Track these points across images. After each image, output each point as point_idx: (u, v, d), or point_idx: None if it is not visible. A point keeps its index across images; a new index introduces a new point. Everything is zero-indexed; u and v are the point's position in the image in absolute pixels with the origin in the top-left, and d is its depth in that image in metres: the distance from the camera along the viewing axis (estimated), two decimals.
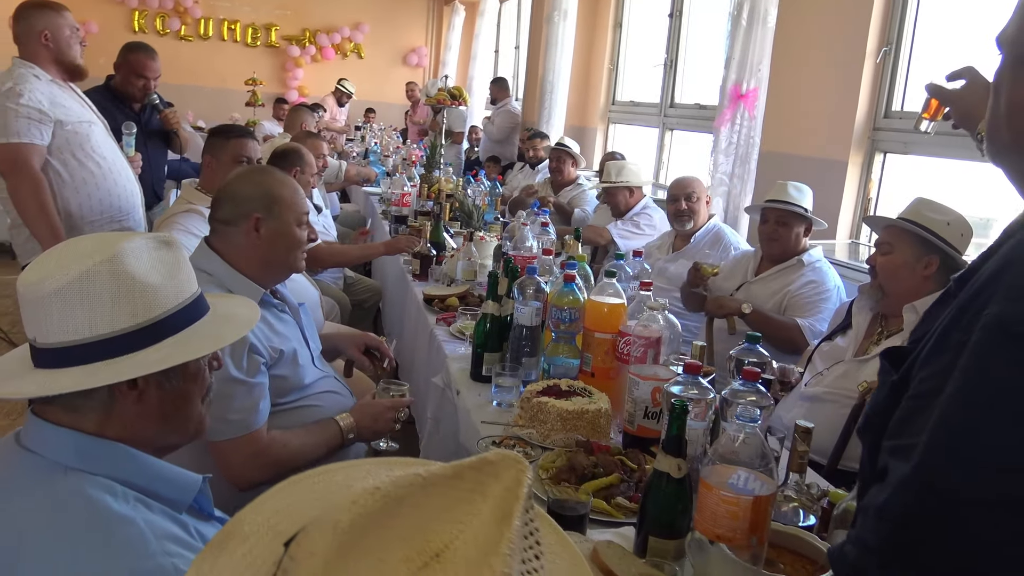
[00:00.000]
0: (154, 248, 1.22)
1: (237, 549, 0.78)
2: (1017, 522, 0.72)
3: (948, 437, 0.77)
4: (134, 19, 12.22)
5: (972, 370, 0.77)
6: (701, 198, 3.84)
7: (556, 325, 2.24)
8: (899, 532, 0.79)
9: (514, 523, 0.68)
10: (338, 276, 4.54)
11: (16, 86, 3.02)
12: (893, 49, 3.91)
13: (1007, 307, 0.77)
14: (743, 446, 1.24)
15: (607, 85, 7.60)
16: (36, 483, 1.10)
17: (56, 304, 1.13)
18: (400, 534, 0.69)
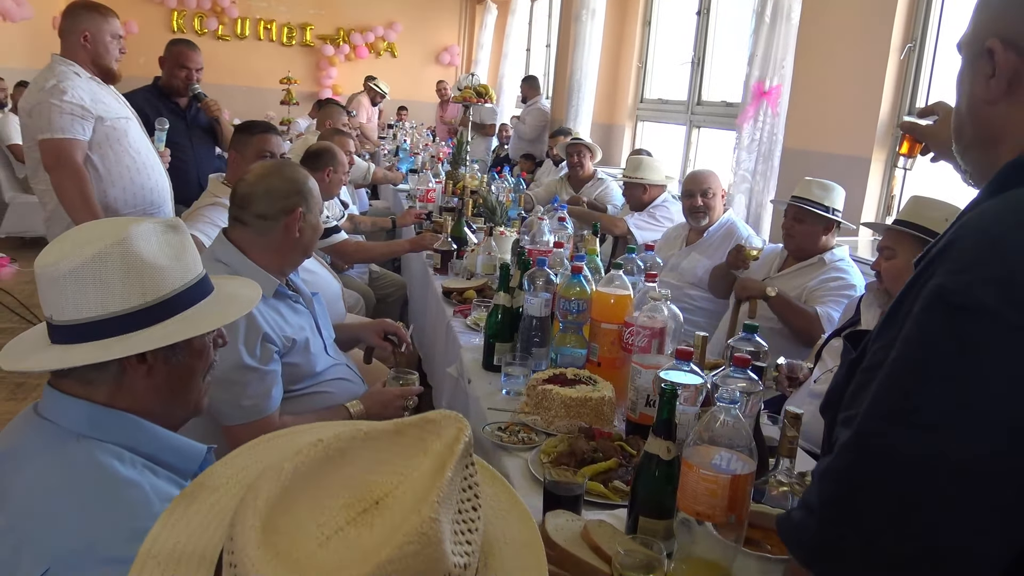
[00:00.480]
0: (162, 232, 1.29)
1: (207, 499, 0.86)
2: (949, 479, 0.76)
3: (886, 399, 0.82)
4: (173, 19, 12.48)
5: (910, 337, 0.81)
6: (717, 193, 3.85)
7: (564, 315, 2.29)
8: (838, 491, 0.83)
9: (446, 475, 0.74)
10: (363, 271, 4.63)
11: (60, 83, 3.12)
12: (917, 45, 3.89)
13: (947, 279, 0.81)
14: (723, 427, 1.28)
15: (635, 83, 7.61)
16: (50, 448, 1.18)
17: (71, 284, 1.20)
18: (343, 482, 0.75)
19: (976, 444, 0.76)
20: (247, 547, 0.69)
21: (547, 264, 2.42)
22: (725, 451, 1.29)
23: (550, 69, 9.47)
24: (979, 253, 0.81)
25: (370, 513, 0.73)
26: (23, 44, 10.12)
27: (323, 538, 0.72)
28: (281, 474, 0.74)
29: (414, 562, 0.69)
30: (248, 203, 2.12)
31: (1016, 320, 0.76)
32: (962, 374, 0.77)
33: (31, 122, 3.17)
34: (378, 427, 0.81)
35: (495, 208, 4.46)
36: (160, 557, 0.82)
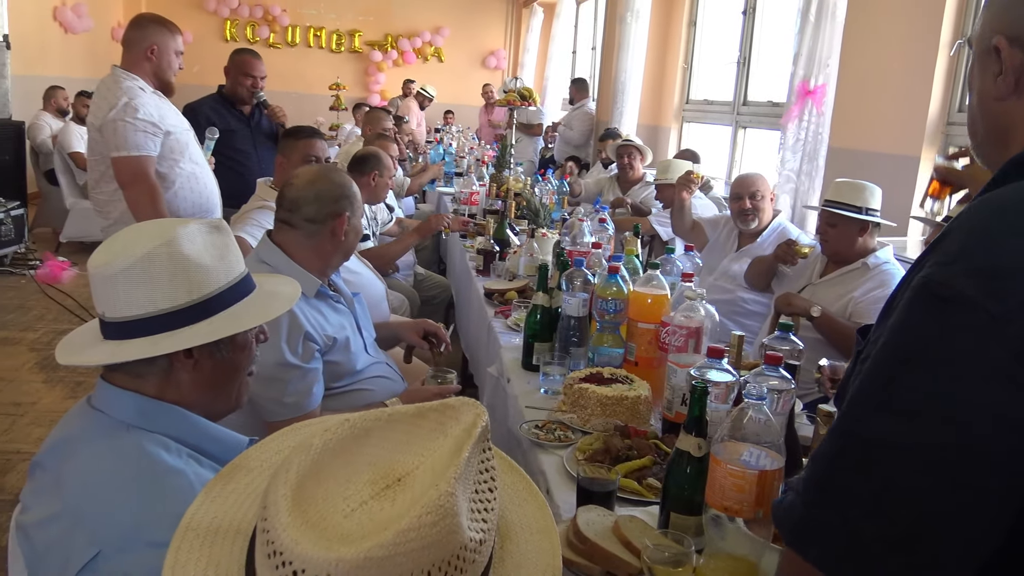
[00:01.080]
0: (206, 232, 1.35)
1: (242, 479, 0.93)
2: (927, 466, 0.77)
3: (869, 386, 0.83)
4: (226, 28, 12.79)
5: (895, 326, 0.83)
6: (766, 196, 3.76)
7: (601, 315, 2.31)
8: (821, 474, 0.84)
9: (464, 455, 0.80)
10: (408, 273, 4.69)
11: (132, 101, 3.21)
12: (968, 41, 3.82)
13: (935, 270, 0.82)
14: (752, 423, 1.29)
15: (681, 84, 7.58)
16: (102, 438, 1.25)
17: (121, 283, 1.27)
18: (368, 460, 0.81)
19: (954, 431, 0.77)
20: (279, 514, 0.75)
21: (585, 264, 2.44)
22: (754, 447, 1.30)
23: (596, 71, 9.48)
24: (964, 245, 0.82)
25: (392, 489, 0.79)
26: (83, 55, 10.48)
27: (348, 510, 0.77)
28: (311, 450, 0.80)
29: (431, 532, 0.74)
30: (297, 207, 2.19)
31: (996, 310, 0.77)
32: (942, 362, 0.79)
33: (102, 138, 3.24)
34: (401, 410, 0.87)
35: (538, 210, 4.48)
36: (199, 530, 0.89)
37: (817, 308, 2.88)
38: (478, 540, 0.79)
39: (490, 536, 0.83)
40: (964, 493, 0.77)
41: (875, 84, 4.21)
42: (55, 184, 7.53)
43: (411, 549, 0.74)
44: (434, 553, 0.75)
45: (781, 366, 1.56)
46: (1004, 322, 0.77)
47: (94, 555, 1.12)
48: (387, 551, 0.73)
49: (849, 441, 0.83)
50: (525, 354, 2.48)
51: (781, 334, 1.81)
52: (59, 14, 10.20)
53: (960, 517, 0.77)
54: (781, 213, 3.95)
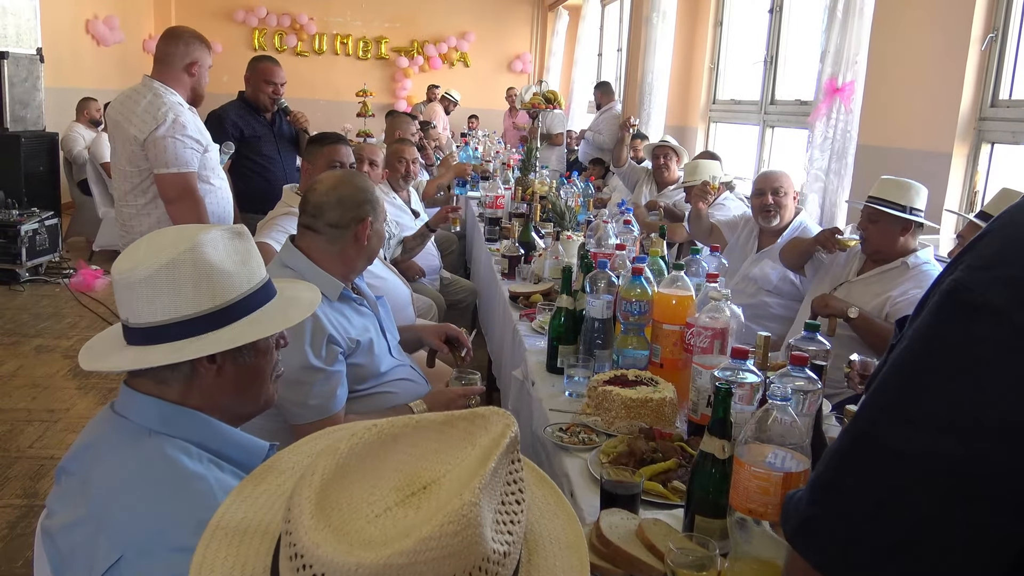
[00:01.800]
0: (228, 239, 1.36)
1: (274, 481, 0.94)
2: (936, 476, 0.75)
3: (885, 390, 0.80)
4: (254, 38, 12.93)
5: (919, 330, 0.80)
6: (789, 193, 3.69)
7: (625, 317, 2.29)
8: (829, 473, 0.82)
9: (490, 465, 0.79)
10: (435, 278, 4.70)
11: (179, 118, 3.25)
12: (1000, 35, 3.75)
13: (966, 274, 0.78)
14: (776, 425, 1.27)
15: (708, 84, 7.53)
16: (125, 443, 1.26)
17: (146, 289, 1.27)
18: (394, 466, 0.81)
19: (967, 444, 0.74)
20: (302, 517, 0.76)
21: (608, 266, 2.43)
22: (779, 449, 1.28)
23: (622, 73, 9.45)
24: (1004, 251, 0.78)
25: (418, 496, 0.79)
26: (115, 67, 10.65)
27: (372, 516, 0.78)
28: (337, 454, 0.81)
29: (453, 541, 0.74)
30: (320, 212, 2.20)
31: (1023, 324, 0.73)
32: (962, 373, 0.75)
33: (144, 152, 3.25)
34: (429, 417, 0.87)
35: (564, 213, 4.47)
36: (228, 529, 0.90)
37: (855, 309, 2.83)
38: (502, 552, 0.79)
39: (516, 549, 0.82)
40: (972, 508, 0.74)
41: (904, 80, 4.14)
42: (88, 194, 7.66)
43: (432, 558, 0.74)
44: (455, 563, 0.75)
45: (807, 366, 1.53)
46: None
47: (117, 559, 1.13)
48: (408, 558, 0.73)
49: (860, 443, 0.80)
50: (550, 357, 2.47)
51: (808, 334, 1.78)
52: (91, 27, 10.38)
53: (965, 531, 0.75)
54: (803, 212, 3.89)
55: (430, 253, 4.72)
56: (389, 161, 4.81)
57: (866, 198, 3.09)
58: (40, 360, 4.96)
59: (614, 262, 2.62)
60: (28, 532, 2.99)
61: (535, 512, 0.95)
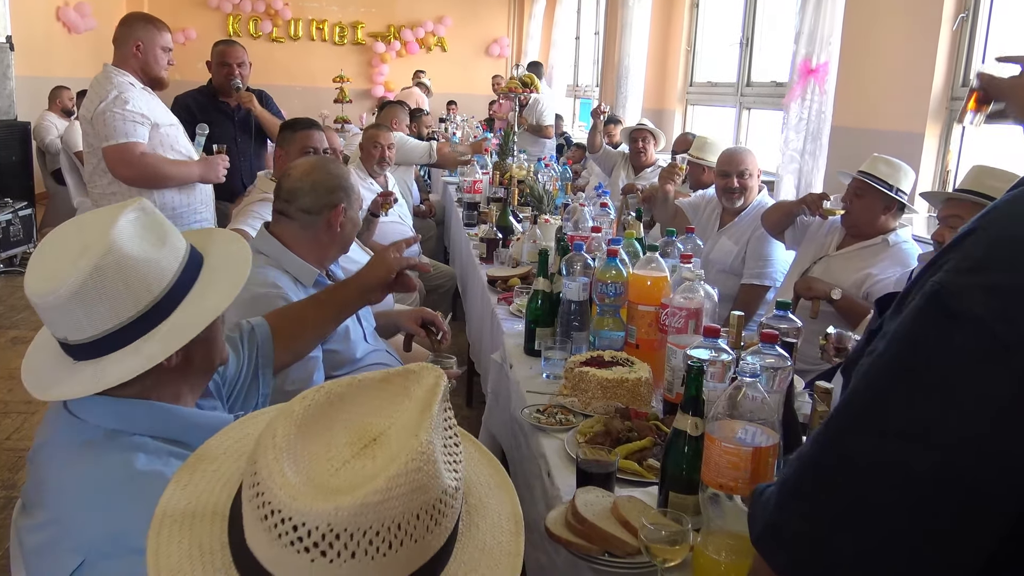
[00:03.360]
0: (136, 220, 1.26)
1: (207, 468, 0.96)
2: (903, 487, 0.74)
3: (861, 396, 0.79)
4: (229, 24, 12.79)
5: (900, 335, 0.78)
6: (754, 174, 3.75)
7: (601, 299, 2.31)
8: (798, 477, 0.82)
9: (433, 411, 0.86)
10: None
11: (122, 94, 3.33)
12: (970, 15, 3.78)
13: (950, 277, 0.75)
14: (746, 400, 1.29)
15: (684, 66, 7.54)
16: (78, 446, 1.22)
17: (77, 305, 1.19)
18: (344, 424, 0.87)
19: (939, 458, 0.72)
20: (273, 475, 0.79)
21: (584, 248, 2.44)
22: (749, 425, 1.30)
23: (599, 56, 9.44)
24: (991, 253, 0.75)
25: (371, 448, 0.84)
26: (87, 55, 10.50)
27: (334, 469, 0.82)
28: (293, 415, 0.85)
29: (418, 476, 0.81)
30: (293, 198, 2.20)
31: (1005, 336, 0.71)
32: (938, 385, 0.73)
33: (93, 130, 3.35)
34: (369, 375, 0.92)
35: (542, 197, 4.48)
36: (175, 516, 0.91)
37: (838, 291, 2.88)
38: (454, 487, 0.86)
39: (461, 484, 0.89)
40: (939, 521, 0.73)
41: (877, 61, 4.17)
42: (62, 184, 7.58)
43: (402, 493, 0.79)
44: (421, 497, 0.81)
45: (778, 344, 1.56)
46: (1010, 350, 0.70)
47: (79, 563, 1.11)
48: (382, 496, 0.78)
49: (829, 451, 0.80)
50: (527, 340, 2.48)
51: (780, 313, 1.81)
52: (62, 14, 10.23)
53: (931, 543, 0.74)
54: (764, 190, 3.93)
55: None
56: (364, 146, 4.79)
57: (857, 172, 3.12)
58: (16, 352, 4.92)
59: (590, 244, 2.63)
60: (6, 524, 2.98)
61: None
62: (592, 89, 9.92)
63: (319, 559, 0.77)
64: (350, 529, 0.77)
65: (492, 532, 0.95)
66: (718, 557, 1.27)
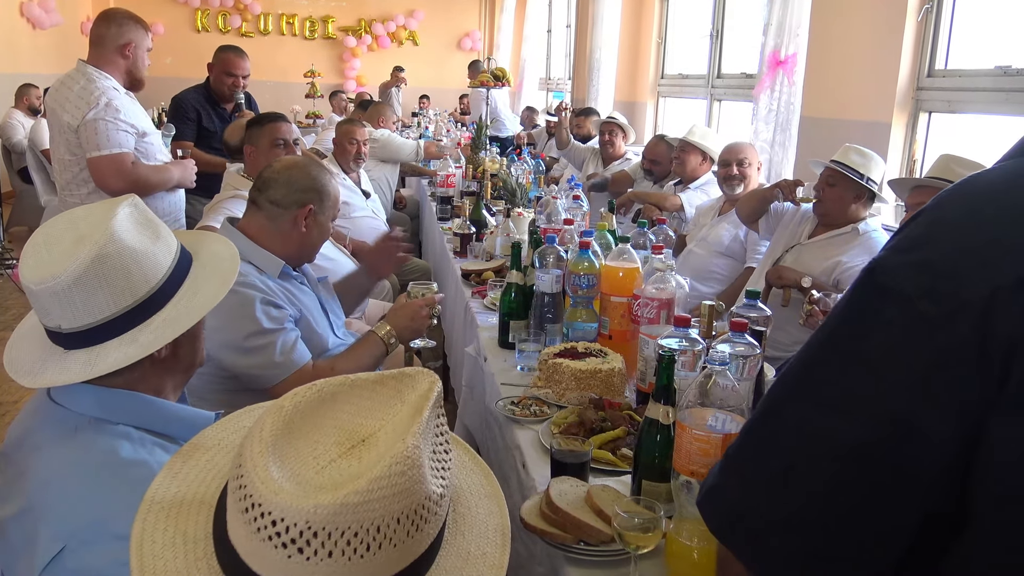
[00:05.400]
0: (130, 215, 1.29)
1: (201, 457, 0.97)
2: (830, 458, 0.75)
3: (797, 364, 0.82)
4: (197, 18, 12.66)
5: (837, 309, 0.80)
6: (753, 164, 3.84)
7: (574, 291, 2.32)
8: (738, 444, 0.85)
9: (424, 415, 0.85)
10: None
11: (112, 101, 3.19)
12: (935, 6, 3.83)
13: (888, 255, 0.77)
14: (716, 388, 1.31)
15: (656, 59, 7.57)
16: (61, 433, 1.23)
17: (77, 292, 1.20)
18: (334, 423, 0.87)
19: (859, 428, 0.74)
20: (256, 469, 0.79)
21: (557, 241, 2.45)
22: (720, 412, 1.32)
23: (571, 49, 9.45)
24: (926, 233, 0.77)
25: (358, 449, 0.84)
26: (53, 51, 10.36)
27: (320, 467, 0.83)
28: (282, 411, 0.85)
29: (401, 480, 0.80)
30: (267, 187, 2.21)
31: (928, 312, 0.72)
32: (862, 356, 0.75)
33: (78, 138, 3.19)
34: (363, 377, 0.92)
35: (515, 190, 4.48)
36: (163, 503, 0.92)
37: (808, 279, 2.93)
38: (439, 494, 0.86)
39: (448, 491, 0.89)
40: (858, 494, 0.75)
41: (845, 52, 4.21)
42: (29, 182, 7.46)
43: (383, 496, 0.79)
44: (403, 501, 0.81)
45: (747, 332, 1.58)
46: (933, 326, 0.72)
47: (59, 550, 1.11)
48: (362, 497, 0.78)
49: (764, 417, 0.82)
50: (501, 332, 2.49)
51: (749, 302, 1.83)
52: (26, 10, 10.06)
53: (852, 512, 0.75)
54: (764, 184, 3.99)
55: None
56: (339, 142, 4.77)
57: (830, 161, 3.16)
58: None
59: (563, 237, 2.65)
60: None
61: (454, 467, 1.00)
62: (565, 82, 9.93)
63: (296, 556, 0.77)
64: (328, 528, 0.77)
65: (477, 542, 0.95)
66: (690, 543, 1.29)
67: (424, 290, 2.41)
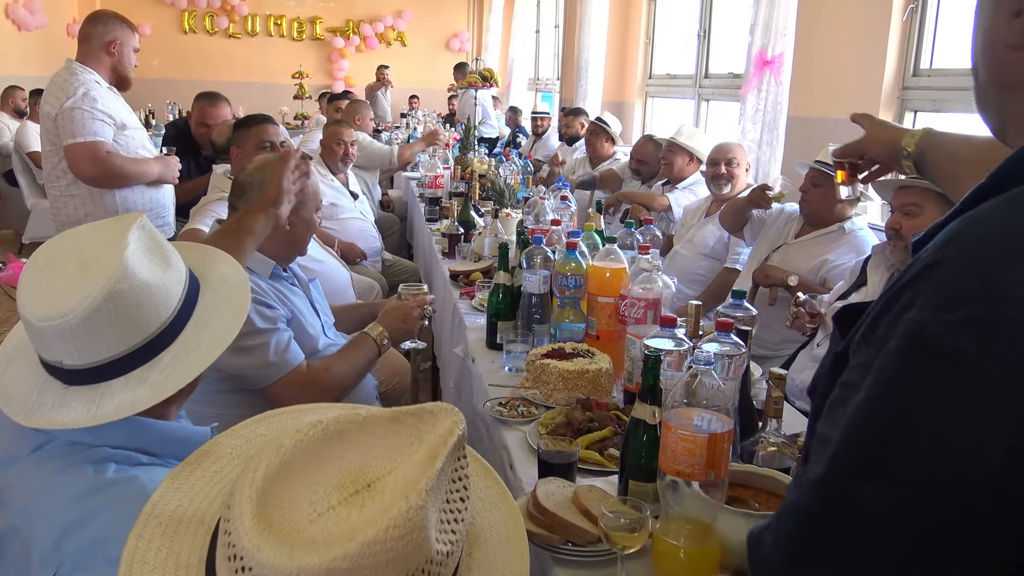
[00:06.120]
0: (142, 241, 1.21)
1: (210, 467, 0.92)
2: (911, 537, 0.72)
3: (854, 446, 0.77)
4: (184, 20, 12.60)
5: (883, 382, 0.75)
6: (742, 164, 3.87)
7: (561, 291, 2.32)
8: (800, 533, 0.79)
9: (437, 465, 0.77)
10: (376, 260, 4.69)
11: (89, 92, 3.27)
12: (920, 6, 3.85)
13: (927, 315, 0.73)
14: (701, 388, 1.32)
15: (644, 59, 7.58)
16: (46, 457, 1.16)
17: (84, 331, 1.12)
18: (339, 463, 0.80)
19: (946, 503, 0.71)
20: (243, 517, 0.74)
21: (544, 242, 2.46)
22: (705, 412, 1.32)
23: (559, 50, 9.46)
24: (964, 286, 0.72)
25: (362, 495, 0.78)
26: (38, 52, 10.29)
27: (315, 515, 0.76)
28: (281, 450, 0.79)
29: (398, 545, 0.73)
30: (244, 192, 2.22)
31: (996, 372, 0.69)
32: (936, 428, 0.71)
33: (56, 127, 3.27)
34: (376, 413, 0.85)
35: (503, 191, 4.48)
36: (162, 518, 0.87)
37: (794, 278, 2.96)
38: (445, 552, 0.79)
39: (458, 547, 0.82)
40: (948, 565, 0.72)
41: (831, 52, 4.23)
42: (15, 185, 7.42)
43: (375, 562, 0.72)
44: (398, 567, 0.74)
45: (732, 332, 1.58)
46: (1005, 386, 0.69)
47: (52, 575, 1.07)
48: (350, 563, 0.71)
49: (830, 503, 0.77)
50: (489, 333, 2.49)
51: (735, 301, 1.83)
52: (11, 11, 9.99)
53: None
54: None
55: (371, 235, 4.71)
56: (326, 143, 4.76)
57: (814, 162, 3.18)
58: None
59: (550, 237, 2.65)
60: None
61: (477, 504, 0.94)
62: (553, 82, 9.94)
63: None
64: None
65: None
66: (676, 542, 1.30)
67: (415, 292, 2.41)
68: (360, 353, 2.24)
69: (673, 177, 4.50)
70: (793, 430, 1.75)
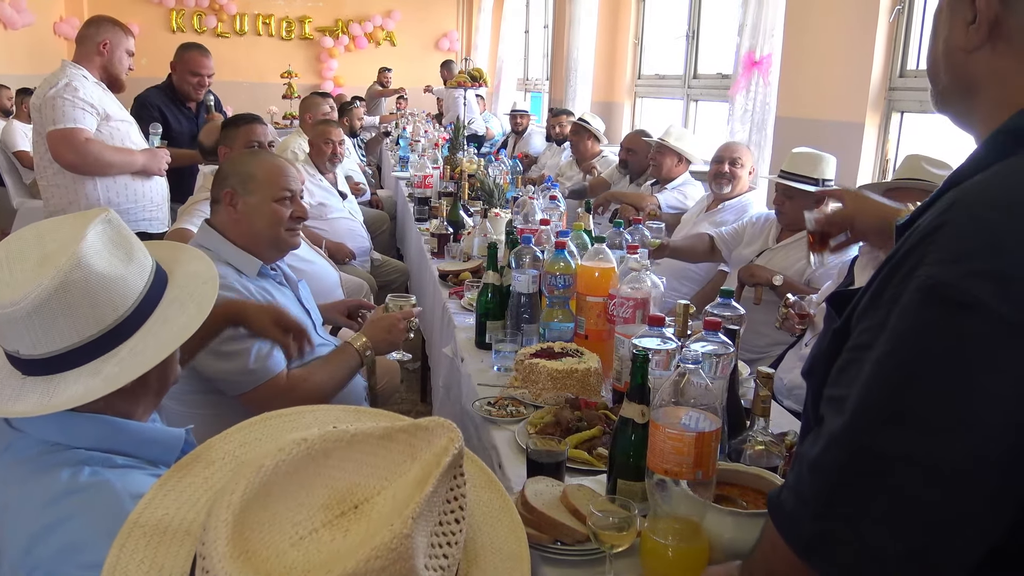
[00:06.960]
0: (103, 234, 1.20)
1: (201, 472, 0.89)
2: (941, 481, 0.75)
3: (877, 397, 0.79)
4: (172, 19, 12.55)
5: (903, 333, 0.78)
6: (745, 166, 3.88)
7: (550, 291, 2.33)
8: (830, 487, 0.81)
9: (428, 488, 0.74)
10: (365, 259, 4.68)
11: (72, 82, 3.37)
12: (906, 7, 3.88)
13: (940, 270, 0.76)
14: (689, 387, 1.32)
15: (632, 59, 7.60)
16: (18, 460, 1.16)
17: (37, 320, 1.12)
18: (325, 482, 0.76)
19: (970, 443, 0.74)
20: (217, 542, 0.71)
21: (533, 241, 2.46)
22: (692, 411, 1.33)
23: (548, 50, 9.47)
24: (973, 241, 0.77)
25: (347, 517, 0.74)
26: (24, 51, 10.21)
27: (296, 538, 0.73)
28: (261, 471, 0.75)
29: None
30: (223, 181, 2.26)
31: (1014, 318, 0.73)
32: (957, 373, 0.75)
33: (41, 117, 3.35)
34: (366, 430, 0.81)
35: (492, 191, 4.48)
36: (147, 527, 0.84)
37: (779, 277, 2.97)
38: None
39: (451, 571, 0.78)
40: (975, 504, 0.75)
41: (818, 52, 4.25)
42: (1, 184, 7.37)
43: None
44: None
45: (720, 331, 1.59)
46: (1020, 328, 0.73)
47: None
48: None
49: (858, 453, 0.79)
50: (478, 333, 2.49)
51: (723, 300, 1.84)
52: None
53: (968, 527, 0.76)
54: (755, 191, 4.02)
55: (360, 235, 4.70)
56: (315, 143, 4.75)
57: (778, 172, 3.20)
58: None
59: (539, 237, 2.65)
60: None
61: (478, 518, 0.91)
62: (543, 83, 9.95)
63: None
64: None
65: None
66: (664, 541, 1.30)
67: (402, 303, 2.39)
68: (342, 363, 2.22)
69: (662, 178, 4.50)
70: (781, 429, 1.76)
